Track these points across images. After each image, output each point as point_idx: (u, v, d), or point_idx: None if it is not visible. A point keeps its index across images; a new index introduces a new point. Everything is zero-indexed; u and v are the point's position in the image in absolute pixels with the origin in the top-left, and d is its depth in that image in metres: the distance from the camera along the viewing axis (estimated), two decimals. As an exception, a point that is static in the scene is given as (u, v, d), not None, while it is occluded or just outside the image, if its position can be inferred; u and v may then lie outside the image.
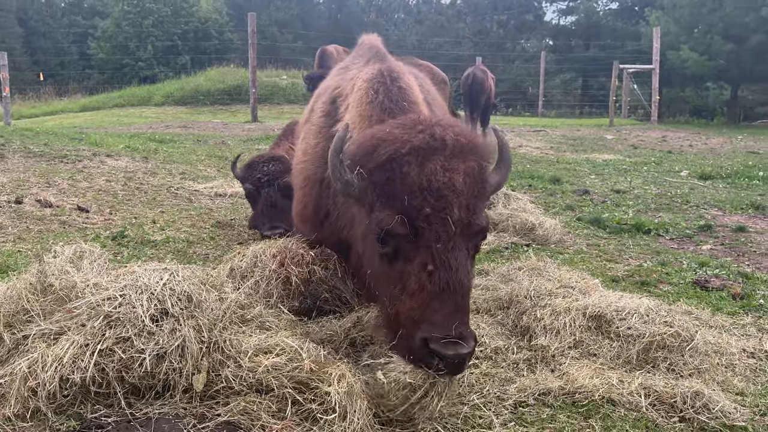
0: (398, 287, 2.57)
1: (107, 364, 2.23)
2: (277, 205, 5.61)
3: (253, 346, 2.39)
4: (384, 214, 2.59)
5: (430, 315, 2.46)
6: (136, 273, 2.48)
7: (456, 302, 2.51)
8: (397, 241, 2.57)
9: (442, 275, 2.49)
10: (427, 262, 2.51)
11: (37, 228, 5.58)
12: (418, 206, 2.54)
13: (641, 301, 3.50)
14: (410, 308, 2.51)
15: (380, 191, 2.65)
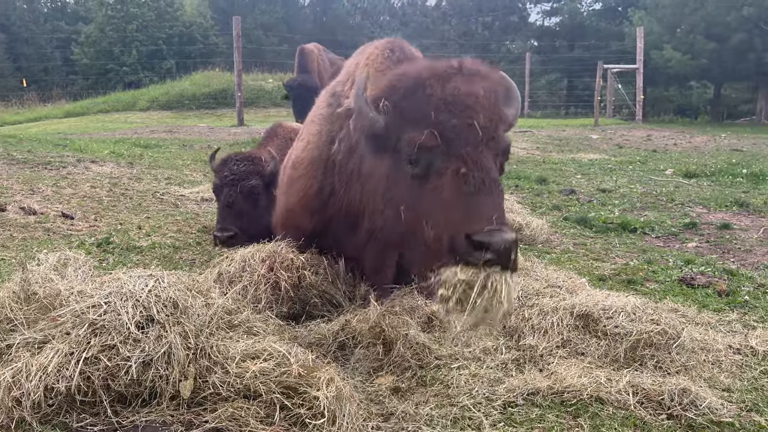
0: (434, 204, 2.67)
1: (93, 373, 2.20)
2: (233, 207, 5.43)
3: (240, 351, 2.37)
4: (414, 133, 2.72)
5: (470, 213, 2.55)
6: (121, 280, 2.46)
7: (493, 200, 2.62)
8: (429, 157, 2.71)
9: (476, 175, 2.62)
10: (460, 166, 2.63)
11: (21, 236, 5.52)
12: (445, 119, 2.71)
13: (628, 299, 3.52)
14: (449, 216, 2.59)
15: (407, 117, 2.81)
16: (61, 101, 31.26)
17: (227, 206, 5.43)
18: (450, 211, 2.61)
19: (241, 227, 5.32)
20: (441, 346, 3.33)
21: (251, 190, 5.38)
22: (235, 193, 5.42)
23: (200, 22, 47.87)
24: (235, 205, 5.39)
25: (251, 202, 5.39)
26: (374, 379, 2.89)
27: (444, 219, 2.62)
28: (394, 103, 2.89)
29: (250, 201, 5.39)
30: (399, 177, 2.91)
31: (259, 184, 5.42)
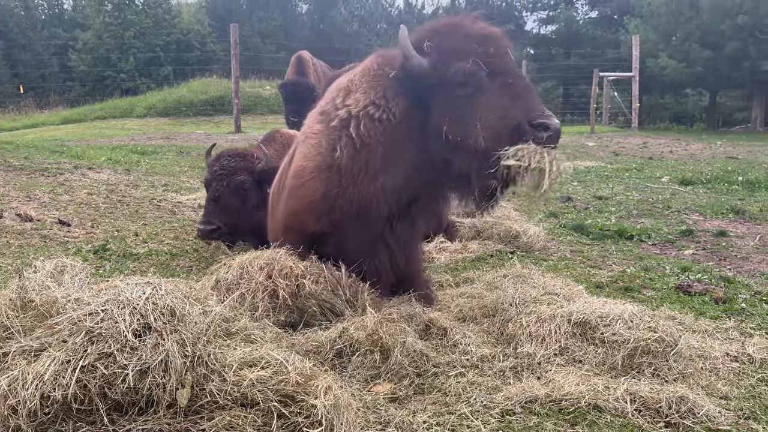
0: (491, 108, 3.25)
1: (89, 381, 2.19)
2: (219, 201, 5.43)
3: (237, 359, 2.37)
4: (461, 63, 3.28)
5: (527, 107, 3.22)
6: (118, 287, 2.45)
7: (536, 98, 3.34)
8: (477, 79, 3.28)
9: (519, 82, 3.33)
10: (506, 78, 3.29)
11: (17, 242, 5.50)
12: (484, 49, 3.32)
13: (625, 306, 3.52)
14: (509, 112, 3.22)
15: (451, 53, 3.35)
16: (58, 108, 31.25)
17: (213, 200, 5.44)
18: (509, 109, 3.23)
19: (227, 222, 5.33)
20: (438, 354, 3.32)
21: (239, 186, 5.39)
22: (222, 187, 5.43)
23: (198, 29, 47.95)
24: (221, 199, 5.40)
25: (239, 197, 5.39)
26: (372, 386, 2.88)
27: (503, 116, 3.22)
28: (436, 44, 3.43)
29: (237, 196, 5.39)
30: (445, 103, 3.39)
31: (248, 180, 5.42)
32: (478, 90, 3.30)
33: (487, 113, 3.25)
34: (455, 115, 3.33)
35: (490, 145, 3.22)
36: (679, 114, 38.96)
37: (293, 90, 12.86)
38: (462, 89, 3.32)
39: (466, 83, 3.30)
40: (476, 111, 3.27)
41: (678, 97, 38.73)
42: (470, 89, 3.30)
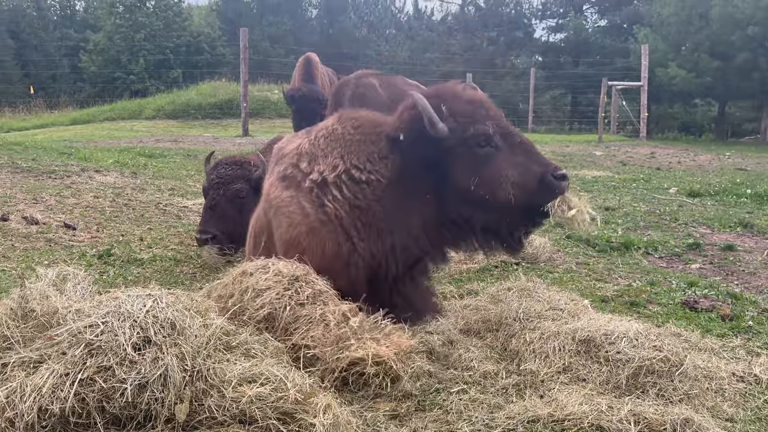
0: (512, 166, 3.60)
1: (88, 394, 2.18)
2: (216, 209, 5.46)
3: (237, 374, 2.35)
4: (480, 126, 3.61)
5: (541, 162, 3.67)
6: (119, 299, 2.44)
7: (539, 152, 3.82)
8: (494, 140, 3.62)
9: (526, 141, 3.77)
10: (516, 139, 3.72)
11: (22, 246, 5.51)
12: (490, 113, 3.72)
13: (630, 324, 3.48)
14: (530, 168, 3.62)
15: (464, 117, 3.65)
16: (67, 108, 31.41)
17: (210, 209, 5.48)
18: (529, 166, 3.63)
19: (224, 230, 5.34)
20: (442, 369, 3.30)
21: (236, 194, 5.41)
22: (218, 195, 5.47)
23: (208, 32, 48.12)
24: (218, 207, 5.43)
25: (236, 205, 5.41)
26: (372, 404, 2.86)
27: (526, 171, 3.61)
28: (449, 109, 3.68)
29: (234, 205, 5.41)
30: (467, 164, 3.65)
31: (245, 188, 5.44)
32: (497, 150, 3.63)
33: (511, 170, 3.60)
34: (480, 173, 3.61)
35: (521, 200, 3.59)
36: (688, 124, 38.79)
37: (302, 103, 11.75)
38: (482, 149, 3.62)
39: (487, 144, 3.62)
40: (500, 169, 3.60)
41: (687, 107, 38.54)
42: (490, 150, 3.62)
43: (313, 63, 12.89)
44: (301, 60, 13.21)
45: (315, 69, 12.80)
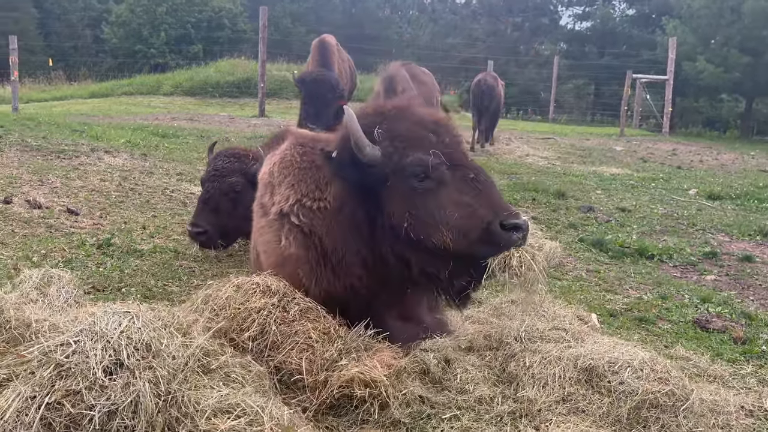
0: (447, 208, 3.04)
1: (54, 419, 2.08)
2: (209, 203, 5.35)
3: (212, 404, 2.23)
4: (419, 155, 3.07)
5: (492, 205, 3.07)
6: (94, 316, 2.33)
7: (498, 192, 3.21)
8: (437, 172, 3.07)
9: (482, 177, 3.14)
10: (467, 173, 3.11)
11: (22, 232, 5.45)
12: (438, 139, 3.15)
13: (636, 352, 3.31)
14: (476, 213, 3.04)
15: (403, 141, 3.13)
16: (87, 81, 31.45)
17: (204, 202, 5.38)
18: (476, 209, 3.05)
19: (217, 224, 5.23)
20: (436, 393, 3.17)
21: (230, 187, 5.28)
22: (213, 189, 5.35)
23: (229, 7, 47.84)
24: (212, 201, 5.32)
25: (230, 199, 5.29)
26: (358, 430, 2.74)
27: (470, 215, 3.04)
28: (387, 130, 3.17)
29: (228, 199, 5.29)
30: (401, 196, 3.14)
31: (240, 181, 5.31)
32: (440, 184, 3.08)
33: (452, 211, 3.04)
34: (414, 210, 3.08)
35: (460, 248, 3.04)
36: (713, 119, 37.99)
37: (314, 88, 9.89)
38: (421, 183, 3.08)
39: (426, 176, 3.07)
40: (439, 208, 3.05)
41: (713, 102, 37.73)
42: (431, 183, 3.07)
43: (329, 47, 11.02)
44: (315, 43, 11.30)
45: (331, 54, 10.95)
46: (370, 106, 3.41)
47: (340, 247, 3.34)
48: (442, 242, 3.04)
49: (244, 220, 5.19)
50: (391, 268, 3.27)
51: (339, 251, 3.36)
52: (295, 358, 2.82)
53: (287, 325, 2.96)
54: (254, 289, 3.07)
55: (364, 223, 3.25)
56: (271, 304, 3.00)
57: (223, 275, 5.14)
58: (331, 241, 3.36)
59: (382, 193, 3.16)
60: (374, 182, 3.15)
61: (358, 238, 3.28)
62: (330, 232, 3.36)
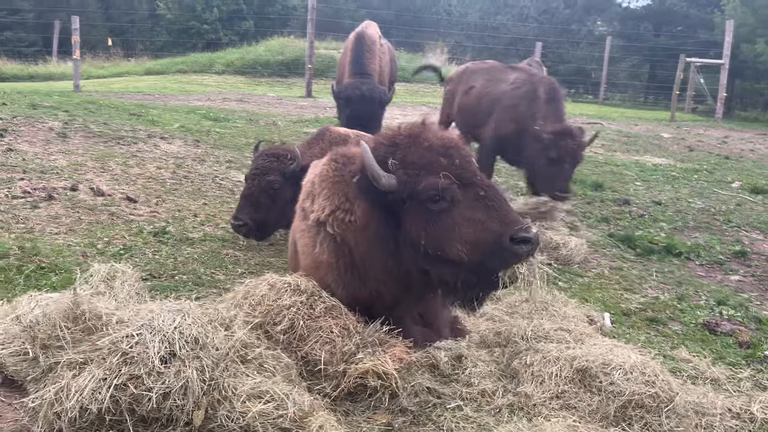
0: (469, 224, 3.31)
1: (120, 398, 2.58)
2: (249, 198, 5.84)
3: (247, 390, 2.70)
4: (431, 180, 3.32)
5: (502, 220, 3.28)
6: (153, 312, 2.82)
7: (509, 206, 3.42)
8: (448, 194, 3.31)
9: (492, 193, 3.39)
10: (477, 191, 3.35)
11: (87, 219, 6.06)
12: (450, 161, 3.39)
13: (629, 355, 3.64)
14: (488, 228, 3.28)
15: (416, 168, 3.38)
16: (143, 58, 32.49)
17: (245, 197, 5.90)
18: (487, 224, 3.30)
19: (256, 219, 5.75)
20: (444, 384, 3.58)
21: (269, 185, 5.77)
22: (253, 185, 5.84)
23: (282, -17, 48.29)
24: (252, 197, 5.82)
25: (269, 196, 5.77)
26: (371, 415, 3.19)
27: (482, 230, 3.29)
28: (401, 159, 3.45)
29: (267, 195, 5.78)
30: (419, 218, 3.42)
31: (278, 180, 5.78)
32: (453, 204, 3.34)
33: (465, 228, 3.30)
34: (431, 229, 3.35)
35: (473, 260, 3.31)
36: (776, 102, 36.57)
37: (361, 107, 8.78)
38: (435, 204, 3.34)
39: (440, 198, 3.32)
40: (453, 226, 3.32)
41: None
42: (444, 204, 3.33)
43: (366, 43, 9.62)
44: (352, 37, 9.93)
45: (370, 53, 9.58)
46: (385, 136, 3.64)
47: (368, 257, 3.72)
48: (457, 256, 3.33)
49: (282, 215, 5.69)
50: (413, 278, 3.66)
51: (366, 261, 3.74)
52: (318, 350, 3.28)
53: (313, 321, 3.41)
54: (286, 288, 3.53)
55: (388, 238, 3.59)
56: (300, 302, 3.46)
57: (264, 264, 5.67)
58: (359, 251, 3.74)
59: (401, 213, 3.47)
60: (393, 204, 3.46)
61: (383, 250, 3.63)
62: (358, 243, 3.73)
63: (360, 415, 3.19)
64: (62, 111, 10.34)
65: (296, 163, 5.69)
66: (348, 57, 9.64)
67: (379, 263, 3.68)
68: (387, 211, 3.52)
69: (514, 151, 8.12)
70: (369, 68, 9.39)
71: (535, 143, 7.53)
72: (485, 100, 8.61)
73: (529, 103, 7.90)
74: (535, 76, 8.57)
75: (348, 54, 9.71)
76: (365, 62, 9.39)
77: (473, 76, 9.30)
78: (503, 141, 8.21)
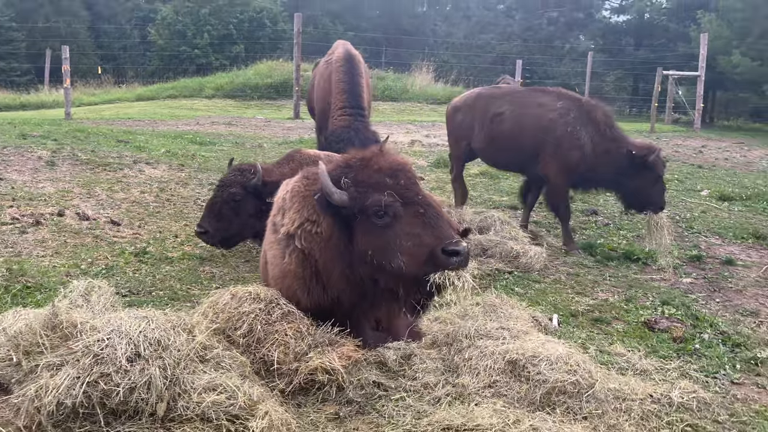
0: (407, 238, 3.71)
1: (92, 393, 2.97)
2: (212, 208, 6.29)
3: (203, 384, 3.10)
4: (377, 197, 3.73)
5: (436, 234, 3.69)
6: (121, 319, 3.23)
7: (446, 223, 3.82)
8: (391, 210, 3.71)
9: (430, 211, 3.79)
10: (417, 209, 3.75)
11: (73, 242, 6.47)
12: (395, 181, 3.82)
13: (557, 347, 4.05)
14: (423, 241, 3.68)
15: (365, 186, 3.81)
16: (134, 84, 33.02)
17: (208, 207, 6.37)
18: (423, 238, 3.70)
19: (217, 228, 6.18)
20: (390, 379, 3.98)
21: (231, 197, 6.22)
22: (217, 196, 6.32)
23: (270, 7, 49.16)
24: (215, 207, 6.27)
25: (231, 207, 6.22)
26: (320, 407, 3.59)
27: (419, 244, 3.69)
28: (352, 179, 3.89)
29: (229, 206, 6.23)
30: (366, 231, 3.84)
31: (239, 192, 6.21)
32: (395, 219, 3.72)
33: (404, 241, 3.70)
34: (376, 242, 3.77)
35: (411, 270, 3.71)
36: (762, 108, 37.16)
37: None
38: (379, 219, 3.74)
39: (384, 213, 3.72)
40: (395, 239, 3.71)
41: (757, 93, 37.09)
42: (387, 219, 3.72)
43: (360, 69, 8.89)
44: (340, 56, 8.94)
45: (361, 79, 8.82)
46: (342, 158, 4.16)
47: (330, 267, 4.13)
48: (398, 266, 3.73)
49: (244, 226, 6.14)
50: (367, 286, 4.07)
51: (328, 270, 4.15)
52: (274, 351, 3.68)
53: (270, 325, 3.82)
54: (246, 297, 3.94)
55: (346, 249, 4.01)
56: (259, 309, 3.88)
57: (239, 279, 6.08)
58: (323, 261, 4.15)
59: (354, 226, 3.89)
60: (348, 218, 3.88)
61: (342, 260, 4.05)
62: (322, 254, 4.14)
63: (311, 407, 3.59)
64: (51, 140, 10.79)
65: (257, 177, 6.12)
66: (338, 83, 8.62)
67: (338, 272, 4.09)
68: (344, 225, 3.96)
69: (591, 178, 8.05)
70: (364, 100, 8.61)
71: (634, 164, 7.67)
72: (529, 130, 8.11)
73: (587, 128, 7.86)
74: (580, 99, 8.36)
75: (336, 76, 8.71)
76: (361, 93, 8.62)
77: (494, 102, 8.52)
78: (573, 170, 7.97)
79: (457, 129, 9.00)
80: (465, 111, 8.85)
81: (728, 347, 5.17)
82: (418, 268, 3.71)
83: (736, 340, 5.28)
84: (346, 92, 8.56)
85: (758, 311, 6.19)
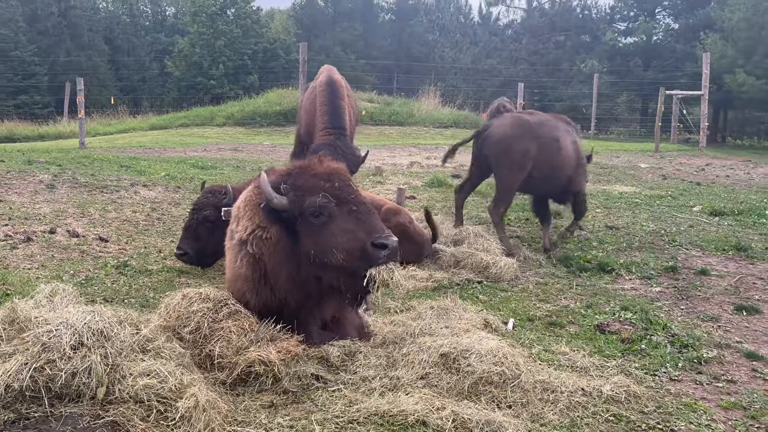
0: (341, 234, 4.03)
1: (38, 378, 3.27)
2: (189, 230, 6.59)
3: (139, 370, 3.40)
4: (313, 198, 4.08)
5: (367, 230, 4.02)
6: (71, 313, 3.55)
7: (377, 219, 4.17)
8: (326, 210, 4.06)
9: (362, 208, 4.13)
10: (350, 207, 4.08)
11: (60, 256, 6.84)
12: (330, 185, 4.15)
13: (490, 342, 4.28)
14: (356, 236, 4.00)
15: (303, 190, 4.15)
16: (148, 114, 33.97)
17: (186, 229, 6.69)
18: (356, 233, 4.03)
19: (195, 249, 6.49)
20: (333, 374, 4.24)
21: (205, 218, 6.55)
22: (192, 219, 6.64)
23: (283, 38, 50.43)
24: (191, 228, 6.60)
25: (205, 229, 6.53)
26: (256, 396, 3.85)
27: (353, 239, 4.02)
28: (291, 184, 4.22)
29: (203, 228, 6.54)
30: (307, 231, 4.18)
31: (212, 214, 6.54)
32: (330, 218, 4.07)
33: (340, 237, 4.04)
34: (316, 241, 4.10)
35: (347, 264, 4.02)
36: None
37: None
38: (316, 219, 4.08)
39: (320, 213, 4.07)
40: (331, 236, 4.05)
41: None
42: (324, 218, 4.08)
43: (340, 93, 9.36)
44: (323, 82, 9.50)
45: (342, 102, 9.29)
46: (282, 168, 4.55)
47: (278, 270, 4.43)
48: (337, 261, 4.05)
49: (220, 244, 6.39)
50: (311, 285, 4.38)
51: (276, 272, 4.45)
52: (218, 347, 3.98)
53: (216, 323, 4.12)
54: (197, 298, 4.25)
55: (293, 252, 4.33)
56: (207, 308, 4.18)
57: (213, 289, 6.39)
58: (271, 264, 4.45)
59: (297, 228, 4.21)
60: (290, 221, 4.21)
61: (289, 263, 4.36)
62: (271, 258, 4.44)
63: (248, 396, 3.86)
64: (55, 165, 11.30)
65: (228, 197, 6.46)
66: (321, 106, 9.17)
67: (285, 274, 4.39)
68: (290, 230, 4.28)
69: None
70: (345, 121, 9.11)
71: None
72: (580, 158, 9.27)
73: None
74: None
75: (319, 99, 9.26)
76: (342, 114, 9.11)
77: (542, 129, 8.78)
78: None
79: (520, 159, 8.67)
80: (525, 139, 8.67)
81: (676, 348, 5.32)
82: (354, 261, 4.02)
83: (686, 341, 5.42)
84: (329, 114, 9.13)
85: (719, 317, 6.32)
